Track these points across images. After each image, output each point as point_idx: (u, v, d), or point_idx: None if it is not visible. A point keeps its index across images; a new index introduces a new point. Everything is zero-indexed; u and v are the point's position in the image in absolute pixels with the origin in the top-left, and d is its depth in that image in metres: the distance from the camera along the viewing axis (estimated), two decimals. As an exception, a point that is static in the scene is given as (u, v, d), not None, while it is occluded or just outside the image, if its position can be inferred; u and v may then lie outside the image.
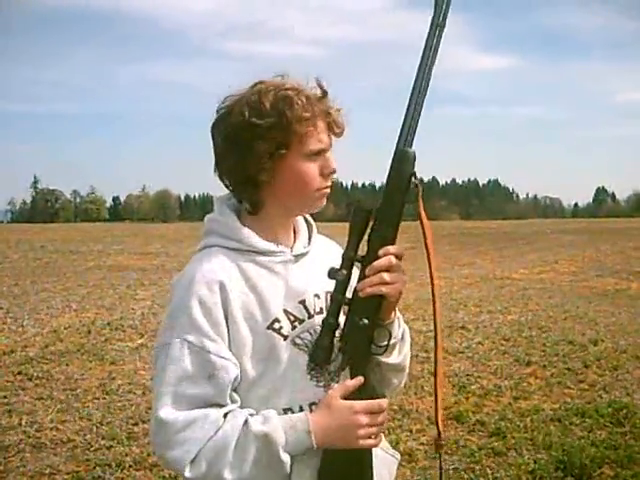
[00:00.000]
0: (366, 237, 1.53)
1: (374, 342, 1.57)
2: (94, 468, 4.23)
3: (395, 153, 1.50)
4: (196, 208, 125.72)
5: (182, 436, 1.42)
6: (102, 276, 14.88)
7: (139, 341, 7.82)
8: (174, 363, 1.46)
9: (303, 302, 1.59)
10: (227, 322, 1.49)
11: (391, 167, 1.51)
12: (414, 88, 1.50)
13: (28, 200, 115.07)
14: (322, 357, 1.54)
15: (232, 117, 1.52)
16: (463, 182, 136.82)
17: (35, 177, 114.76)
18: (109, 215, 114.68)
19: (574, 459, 4.16)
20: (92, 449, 4.53)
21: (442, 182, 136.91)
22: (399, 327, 1.65)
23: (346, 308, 1.55)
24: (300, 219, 1.69)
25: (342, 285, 1.52)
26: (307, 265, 1.64)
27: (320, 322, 1.56)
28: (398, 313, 1.64)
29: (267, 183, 1.54)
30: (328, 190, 1.60)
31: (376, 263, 1.50)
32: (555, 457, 4.25)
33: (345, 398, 1.52)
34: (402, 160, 1.50)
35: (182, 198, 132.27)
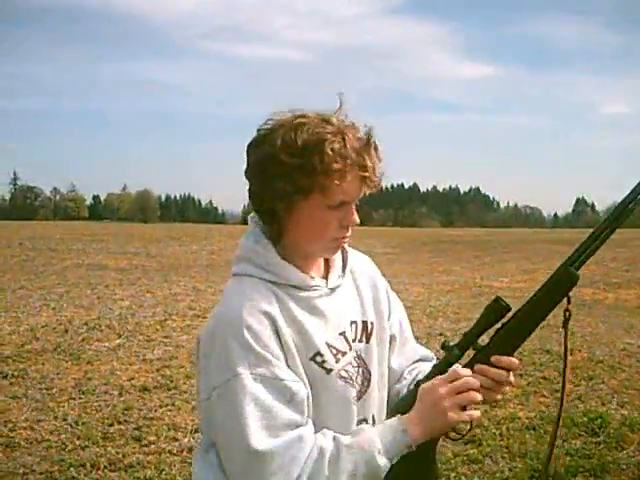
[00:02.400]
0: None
1: None
2: (68, 469, 4.21)
3: (561, 269, 1.47)
4: (176, 209, 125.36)
5: (283, 461, 1.37)
6: (80, 275, 14.81)
7: (116, 341, 7.79)
8: (251, 397, 1.38)
9: (343, 334, 1.55)
10: (283, 350, 1.45)
11: (551, 279, 1.49)
12: (605, 220, 1.49)
13: (7, 197, 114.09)
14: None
15: (265, 145, 1.47)
16: (444, 189, 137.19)
17: (15, 173, 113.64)
18: (89, 214, 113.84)
19: (548, 467, 4.18)
20: (67, 449, 4.50)
21: (423, 189, 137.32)
22: None
23: None
24: None
25: (447, 364, 1.49)
26: (342, 294, 1.60)
27: (356, 352, 1.56)
28: None
29: (284, 219, 1.50)
30: (346, 240, 1.56)
31: (496, 373, 1.48)
32: (530, 465, 4.28)
33: None
34: (565, 279, 1.48)
35: (163, 198, 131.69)
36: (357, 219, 1.52)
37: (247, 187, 1.54)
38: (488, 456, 4.49)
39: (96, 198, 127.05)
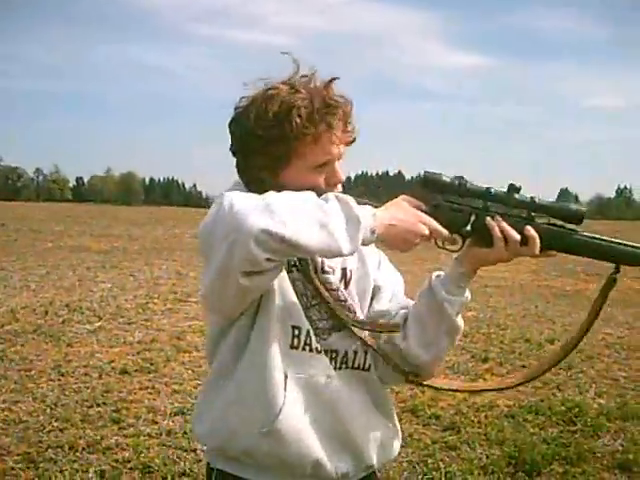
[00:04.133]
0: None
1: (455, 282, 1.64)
2: (46, 450, 4.18)
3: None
4: (161, 192, 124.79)
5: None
6: (62, 257, 14.74)
7: (97, 324, 7.75)
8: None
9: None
10: None
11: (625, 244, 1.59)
12: None
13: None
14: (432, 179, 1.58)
15: (242, 120, 1.57)
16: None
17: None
18: (72, 196, 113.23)
19: (525, 455, 4.21)
20: (45, 431, 4.47)
21: (408, 176, 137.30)
22: (468, 294, 1.67)
23: None
24: None
25: (500, 198, 1.57)
26: None
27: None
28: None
29: (275, 186, 1.51)
30: None
31: (536, 238, 1.54)
32: (507, 453, 4.30)
33: None
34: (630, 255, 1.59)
35: (147, 182, 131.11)
36: (343, 177, 1.61)
37: (235, 163, 1.64)
38: (466, 443, 4.51)
39: (79, 180, 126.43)
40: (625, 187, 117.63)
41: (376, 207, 1.47)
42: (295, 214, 1.33)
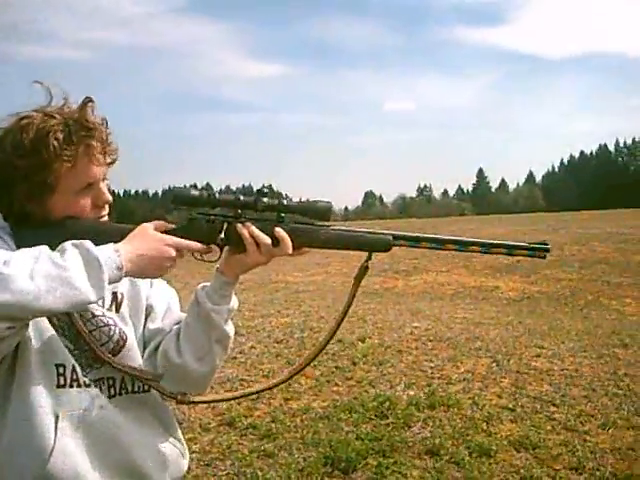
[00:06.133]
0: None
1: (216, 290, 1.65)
2: None
3: (385, 234, 1.67)
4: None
5: None
6: None
7: None
8: None
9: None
10: None
11: (374, 233, 1.68)
12: (450, 238, 1.73)
13: None
14: (180, 197, 1.61)
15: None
16: (237, 188, 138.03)
17: None
18: None
19: (340, 453, 4.30)
20: None
21: (216, 188, 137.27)
22: (235, 300, 1.71)
23: None
24: None
25: (250, 205, 1.61)
26: None
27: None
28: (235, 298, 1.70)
29: (39, 216, 1.54)
30: (105, 219, 1.63)
31: (286, 238, 1.60)
32: (323, 453, 4.37)
33: None
34: (380, 239, 1.68)
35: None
36: (109, 197, 1.62)
37: None
38: (283, 449, 4.53)
39: None
40: (425, 186, 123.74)
41: (116, 242, 1.46)
42: (33, 278, 1.28)
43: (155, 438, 1.69)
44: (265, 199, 1.60)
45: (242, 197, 1.61)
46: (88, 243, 1.38)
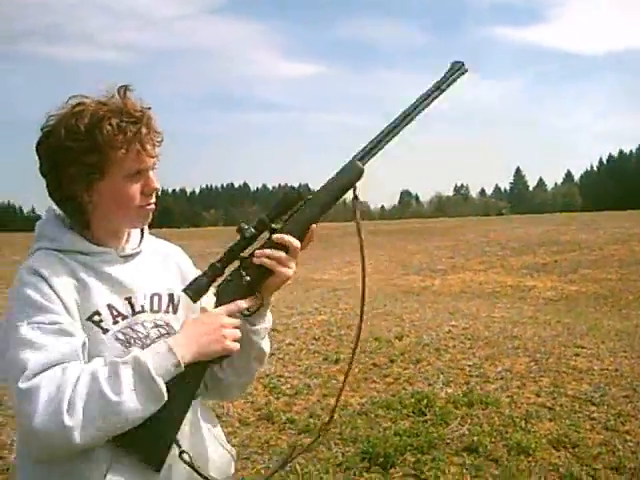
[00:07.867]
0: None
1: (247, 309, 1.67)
2: None
3: (350, 162, 1.66)
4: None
5: (49, 394, 1.39)
6: None
7: None
8: (24, 341, 1.44)
9: (129, 299, 1.64)
10: (63, 304, 1.52)
11: (341, 171, 1.66)
12: (396, 119, 1.67)
13: None
14: (194, 290, 1.61)
15: (51, 139, 1.56)
16: (274, 187, 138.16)
17: None
18: None
19: (378, 449, 4.32)
20: None
21: (253, 188, 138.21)
22: (270, 318, 1.77)
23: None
24: None
25: (246, 241, 1.63)
26: (141, 266, 1.71)
27: (164, 321, 1.68)
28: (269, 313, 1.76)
29: (89, 203, 1.60)
30: (152, 207, 1.67)
31: (287, 237, 1.62)
32: (361, 449, 4.39)
33: None
34: (354, 172, 1.65)
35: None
36: (157, 185, 1.65)
37: (45, 185, 1.62)
38: (322, 443, 4.55)
39: None
40: (462, 185, 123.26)
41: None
42: (99, 411, 1.39)
43: (210, 442, 1.75)
44: (250, 229, 1.64)
45: (233, 246, 1.65)
46: (152, 372, 1.45)
